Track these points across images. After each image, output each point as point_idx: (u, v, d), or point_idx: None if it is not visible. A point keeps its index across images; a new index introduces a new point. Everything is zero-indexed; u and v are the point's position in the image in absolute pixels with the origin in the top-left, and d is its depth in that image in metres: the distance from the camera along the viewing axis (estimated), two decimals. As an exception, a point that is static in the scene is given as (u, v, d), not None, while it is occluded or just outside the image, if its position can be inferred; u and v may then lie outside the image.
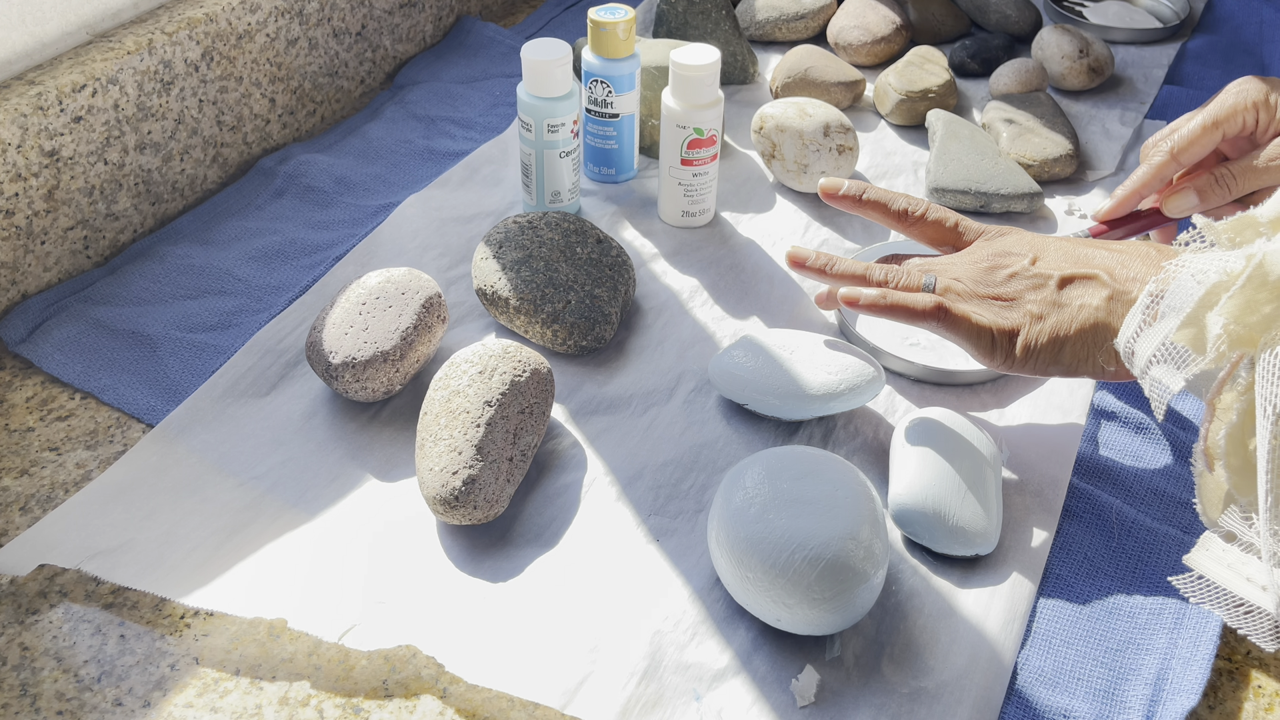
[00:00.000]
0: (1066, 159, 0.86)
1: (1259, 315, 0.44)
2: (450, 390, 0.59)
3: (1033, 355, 0.56)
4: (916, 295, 0.59)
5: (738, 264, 0.78)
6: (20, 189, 0.70)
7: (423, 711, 0.50)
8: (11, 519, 0.58)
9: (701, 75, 0.74)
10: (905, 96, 0.92)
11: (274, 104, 0.88)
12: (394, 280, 0.65)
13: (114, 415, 0.65)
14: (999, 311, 0.58)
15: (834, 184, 0.66)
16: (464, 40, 1.07)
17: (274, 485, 0.60)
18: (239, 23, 0.82)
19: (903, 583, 0.56)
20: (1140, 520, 0.59)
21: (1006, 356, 0.57)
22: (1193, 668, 0.51)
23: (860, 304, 0.60)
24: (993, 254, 0.60)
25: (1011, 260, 0.59)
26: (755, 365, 0.63)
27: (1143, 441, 0.64)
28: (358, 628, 0.52)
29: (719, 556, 0.53)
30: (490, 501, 0.56)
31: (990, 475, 0.58)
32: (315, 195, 0.84)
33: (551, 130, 0.76)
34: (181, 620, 0.53)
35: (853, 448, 0.63)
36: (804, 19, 1.04)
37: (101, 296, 0.72)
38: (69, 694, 0.50)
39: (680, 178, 0.78)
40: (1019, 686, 0.51)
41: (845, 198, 0.65)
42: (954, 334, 0.58)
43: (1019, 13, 1.06)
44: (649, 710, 0.49)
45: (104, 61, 0.73)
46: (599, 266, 0.70)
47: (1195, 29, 1.12)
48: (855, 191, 0.65)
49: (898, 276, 0.61)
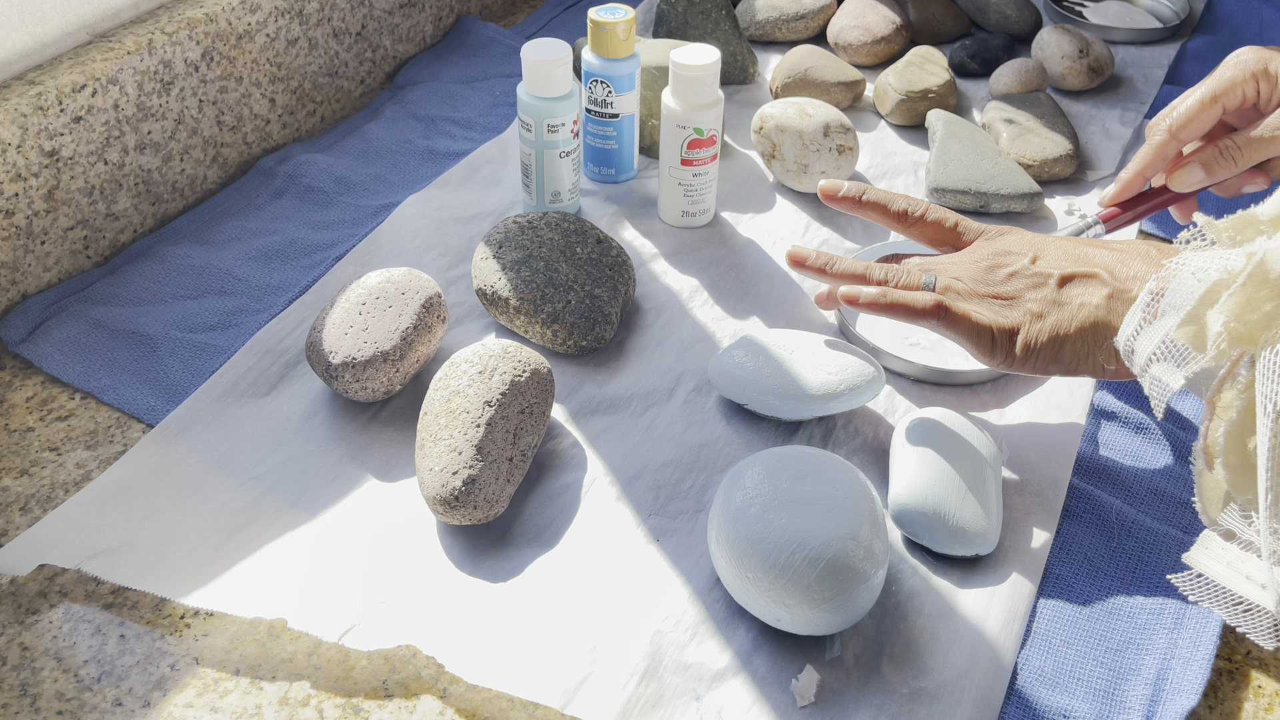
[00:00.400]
0: (1066, 159, 0.86)
1: (1260, 313, 0.44)
2: (450, 390, 0.59)
3: (1033, 354, 0.56)
4: (916, 294, 0.59)
5: (738, 264, 0.78)
6: (20, 189, 0.70)
7: (423, 711, 0.50)
8: (11, 519, 0.58)
9: (701, 75, 0.74)
10: (905, 96, 0.92)
11: (274, 104, 0.88)
12: (394, 280, 0.65)
13: (114, 415, 0.65)
14: (999, 310, 0.58)
15: (833, 186, 0.65)
16: (464, 40, 1.07)
17: (274, 485, 0.60)
18: (239, 23, 0.82)
19: (903, 583, 0.56)
20: (1140, 520, 0.59)
21: (1007, 355, 0.57)
22: (1193, 668, 0.51)
23: (860, 303, 0.60)
24: (993, 253, 0.60)
25: (1011, 259, 0.59)
26: (755, 365, 0.63)
27: (1143, 441, 0.64)
28: (358, 628, 0.52)
29: (719, 556, 0.53)
30: (490, 501, 0.56)
31: (990, 475, 0.58)
32: (315, 195, 0.84)
33: (551, 130, 0.76)
34: (181, 620, 0.53)
35: (853, 448, 0.63)
36: (804, 19, 1.04)
37: (101, 296, 0.72)
38: (69, 694, 0.50)
39: (680, 178, 0.78)
40: (1019, 686, 0.51)
41: (845, 199, 0.65)
42: (954, 333, 0.58)
43: (1019, 13, 1.06)
44: (649, 710, 0.49)
45: (104, 61, 0.73)
46: (599, 266, 0.70)
47: (1195, 29, 1.12)
48: (854, 193, 0.65)
49: (897, 276, 0.61)
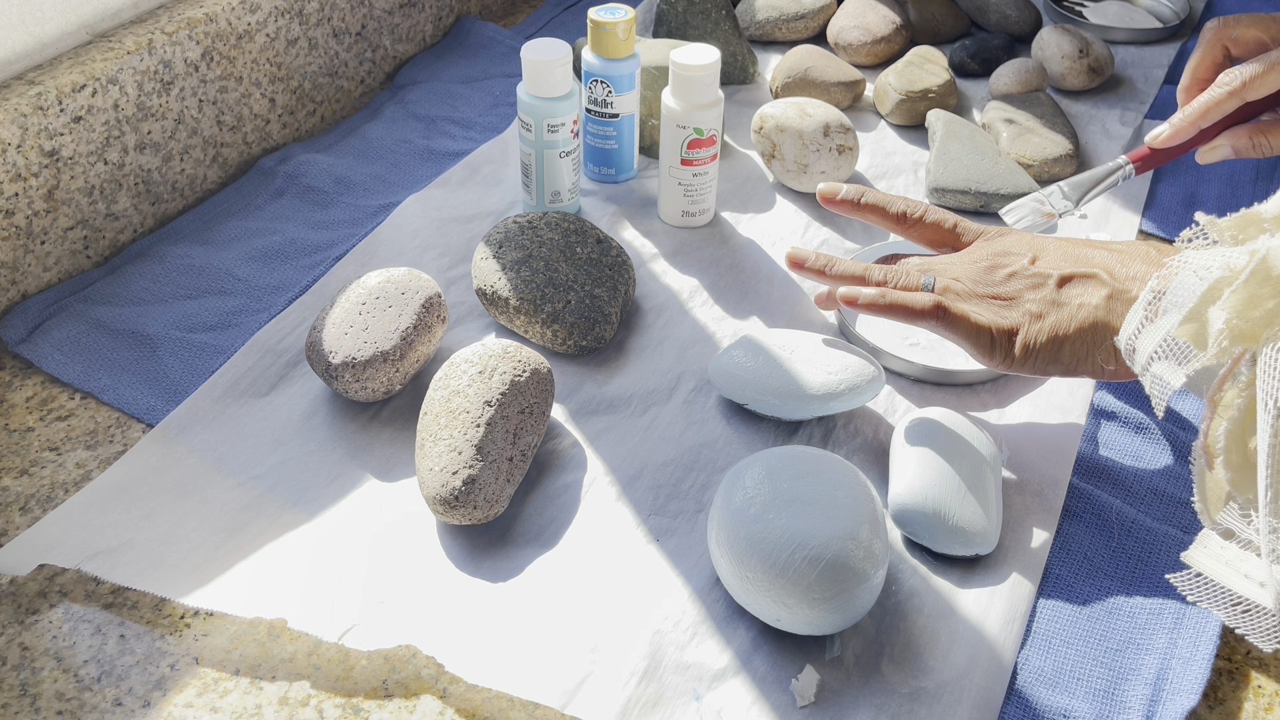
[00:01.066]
0: (1066, 159, 0.86)
1: (1262, 310, 0.44)
2: (450, 390, 0.59)
3: (1032, 354, 0.56)
4: (915, 295, 0.59)
5: (738, 264, 0.78)
6: (20, 189, 0.70)
7: (423, 711, 0.50)
8: (11, 519, 0.58)
9: (701, 75, 0.74)
10: (905, 96, 0.92)
11: (274, 104, 0.88)
12: (394, 280, 0.65)
13: (114, 415, 0.65)
14: (998, 311, 0.58)
15: (832, 189, 0.65)
16: (464, 40, 1.07)
17: (274, 485, 0.60)
18: (239, 23, 0.82)
19: (903, 583, 0.56)
20: (1140, 520, 0.59)
21: (1006, 356, 0.57)
22: (1193, 668, 0.51)
23: (859, 304, 0.60)
24: (992, 254, 0.60)
25: (1010, 260, 0.59)
26: (755, 365, 0.63)
27: (1143, 441, 0.64)
28: (358, 628, 0.52)
29: (719, 556, 0.52)
30: (490, 501, 0.56)
31: (990, 475, 0.58)
32: (315, 195, 0.84)
33: (551, 130, 0.76)
34: (181, 620, 0.53)
35: (853, 448, 0.63)
36: (804, 19, 1.04)
37: (101, 296, 0.72)
38: (69, 694, 0.50)
39: (680, 178, 0.78)
40: (1019, 686, 0.51)
41: (843, 202, 0.65)
42: (953, 333, 0.58)
43: (1019, 13, 1.06)
44: (649, 710, 0.49)
45: (104, 61, 0.73)
46: (599, 266, 0.70)
47: (1195, 29, 1.12)
48: (853, 195, 0.65)
49: (896, 276, 0.61)
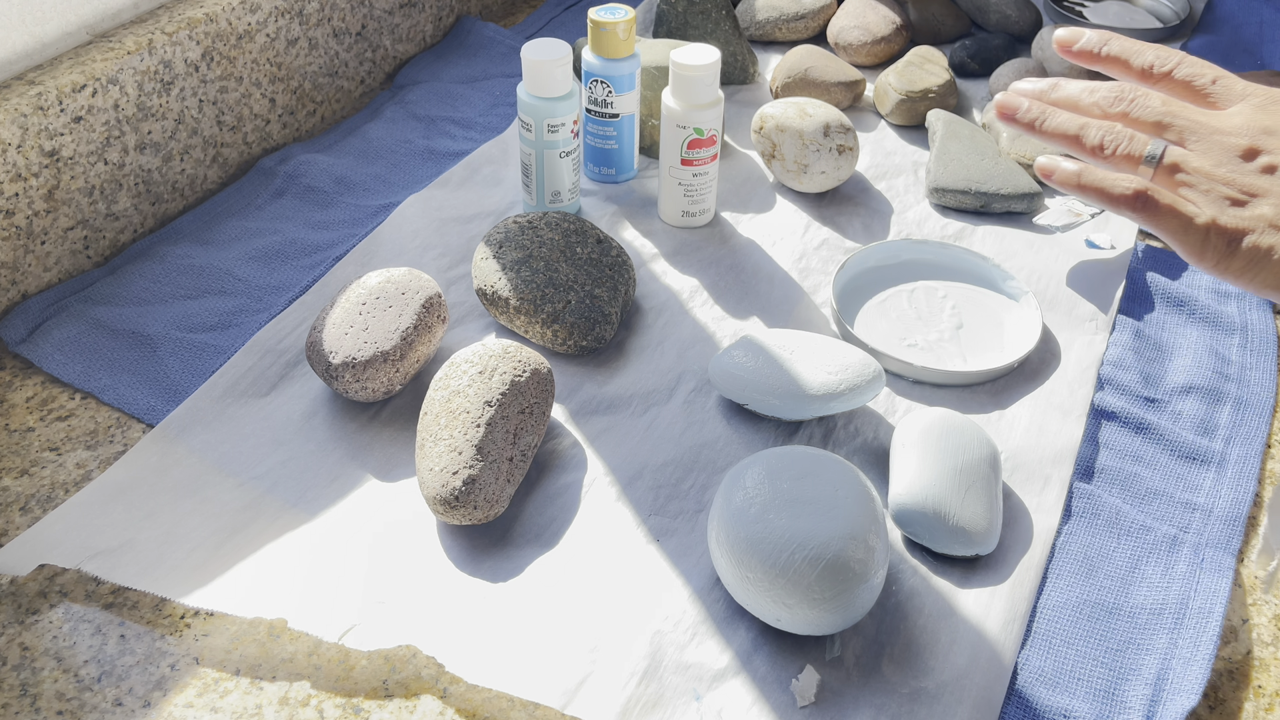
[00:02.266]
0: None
1: None
2: (450, 390, 0.59)
3: (1257, 264, 0.48)
4: (1117, 179, 0.51)
5: (738, 264, 0.78)
6: (20, 189, 0.70)
7: (423, 711, 0.50)
8: (11, 519, 0.58)
9: (701, 75, 0.74)
10: (905, 96, 0.92)
11: (274, 104, 0.88)
12: (394, 280, 0.65)
13: (114, 415, 0.65)
14: (1225, 208, 0.49)
15: (1072, 34, 0.56)
16: (464, 40, 1.07)
17: (274, 485, 0.60)
18: (239, 23, 0.82)
19: (903, 583, 0.56)
20: (1140, 520, 0.59)
21: (1220, 259, 0.49)
22: (1193, 668, 0.51)
23: (1054, 179, 0.54)
24: (1259, 129, 0.50)
25: (1276, 144, 0.49)
26: (755, 365, 0.63)
27: (1143, 441, 0.64)
28: (358, 628, 0.52)
29: (719, 556, 0.53)
30: (490, 501, 0.56)
31: (990, 475, 0.58)
32: (315, 195, 0.84)
33: (551, 130, 0.76)
34: (181, 620, 0.53)
35: (853, 448, 0.63)
36: (804, 19, 1.04)
37: (101, 296, 0.72)
38: (69, 694, 0.50)
39: (680, 178, 0.78)
40: (1019, 686, 0.51)
41: (1082, 53, 0.56)
42: (1155, 225, 0.50)
43: (1019, 13, 1.06)
44: (649, 710, 0.49)
45: (104, 61, 0.73)
46: (599, 266, 0.70)
47: (1195, 29, 1.12)
48: (1095, 44, 0.56)
49: (1118, 139, 0.52)
